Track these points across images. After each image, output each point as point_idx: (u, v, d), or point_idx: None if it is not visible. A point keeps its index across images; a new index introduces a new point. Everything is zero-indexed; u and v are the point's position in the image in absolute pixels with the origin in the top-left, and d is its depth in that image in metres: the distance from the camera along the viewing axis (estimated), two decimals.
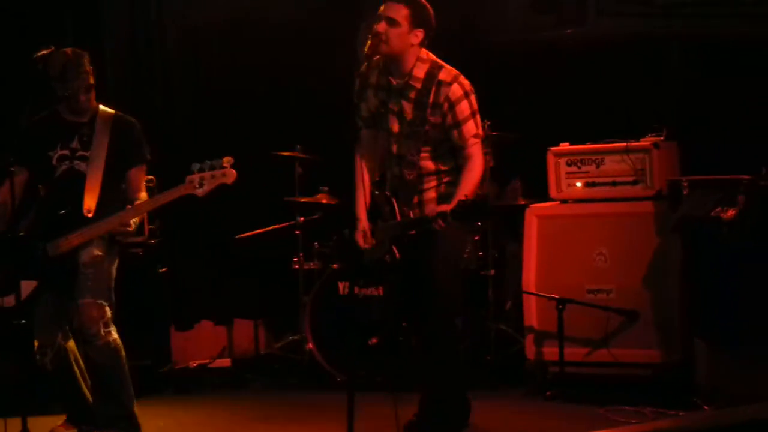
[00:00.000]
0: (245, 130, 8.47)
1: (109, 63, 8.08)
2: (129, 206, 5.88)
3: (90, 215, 5.85)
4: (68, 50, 5.97)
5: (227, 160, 5.72)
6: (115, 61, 8.22)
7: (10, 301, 5.75)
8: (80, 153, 5.99)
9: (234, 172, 5.73)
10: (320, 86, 8.05)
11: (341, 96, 5.97)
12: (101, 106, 6.13)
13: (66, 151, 6.00)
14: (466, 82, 5.72)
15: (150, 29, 8.43)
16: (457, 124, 5.68)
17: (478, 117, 5.74)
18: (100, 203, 5.90)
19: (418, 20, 5.69)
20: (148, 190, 7.12)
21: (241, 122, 8.54)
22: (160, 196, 5.93)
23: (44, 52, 5.85)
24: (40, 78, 5.89)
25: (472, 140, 5.71)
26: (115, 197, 5.99)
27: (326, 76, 7.09)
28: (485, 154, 6.06)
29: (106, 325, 5.82)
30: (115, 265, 6.01)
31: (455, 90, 5.68)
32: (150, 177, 7.02)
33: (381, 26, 5.64)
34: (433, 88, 5.67)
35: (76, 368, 6.00)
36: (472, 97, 5.72)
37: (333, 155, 6.58)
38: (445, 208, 5.44)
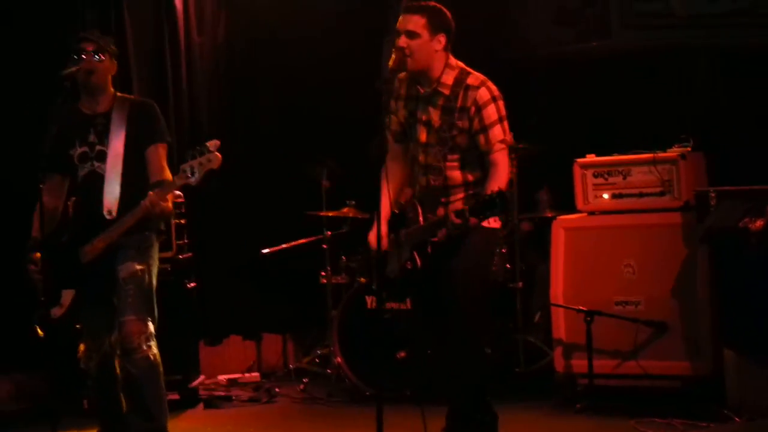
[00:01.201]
0: (272, 144, 8.52)
1: (135, 76, 8.13)
2: (148, 195, 5.72)
3: (111, 217, 5.79)
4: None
5: (213, 144, 5.59)
6: (140, 73, 8.26)
7: (56, 311, 5.78)
8: (99, 148, 5.91)
9: (219, 155, 5.57)
10: (347, 100, 8.08)
11: (368, 110, 5.97)
12: (119, 94, 6.08)
13: (85, 148, 5.93)
14: (494, 87, 5.69)
15: (175, 42, 8.47)
16: (484, 129, 5.64)
17: (505, 123, 5.69)
18: (122, 201, 5.81)
19: (437, 26, 5.67)
20: (176, 206, 7.17)
21: (267, 136, 8.59)
22: (159, 190, 5.74)
23: (73, 69, 5.84)
24: (68, 94, 5.90)
25: (498, 145, 5.66)
26: (139, 189, 5.83)
27: (353, 90, 7.12)
28: (511, 159, 6.03)
29: (148, 340, 5.79)
30: (155, 275, 5.97)
31: (483, 94, 5.65)
32: (178, 193, 7.07)
33: (402, 41, 5.63)
34: (461, 93, 5.64)
35: (118, 375, 5.95)
36: (500, 103, 5.68)
37: (360, 169, 6.61)
38: (463, 206, 5.41)
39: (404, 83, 5.86)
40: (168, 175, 5.88)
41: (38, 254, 5.80)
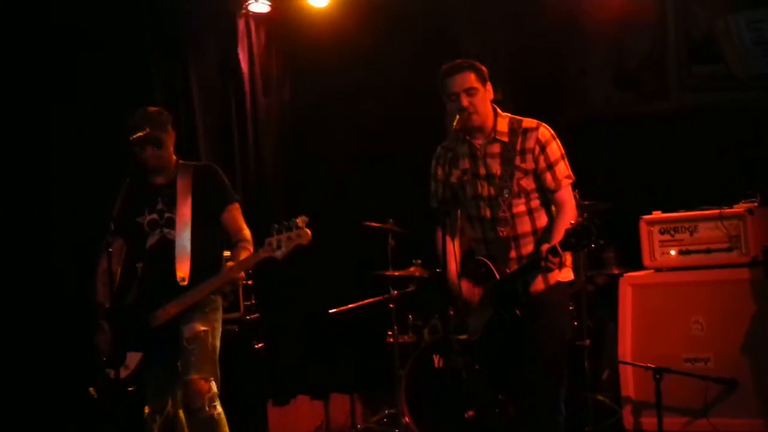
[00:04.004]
0: (338, 203, 8.57)
1: (202, 138, 8.25)
2: (226, 266, 5.83)
3: (184, 283, 5.88)
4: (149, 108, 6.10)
5: (302, 220, 5.70)
6: (207, 135, 8.38)
7: (120, 373, 5.84)
8: (167, 215, 6.00)
9: (309, 231, 5.70)
10: (413, 158, 8.12)
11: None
12: (181, 162, 6.16)
13: (154, 215, 6.03)
14: (550, 128, 5.76)
15: (242, 103, 8.60)
16: (550, 166, 5.67)
17: (566, 160, 5.74)
18: (194, 267, 5.90)
19: (484, 78, 5.74)
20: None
21: (334, 194, 8.65)
22: (243, 260, 5.86)
23: (140, 134, 5.95)
24: (137, 160, 6.01)
25: (566, 181, 5.69)
26: (210, 255, 5.97)
27: (419, 147, 7.17)
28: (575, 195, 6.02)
29: (212, 400, 5.82)
30: (219, 336, 6.02)
31: (543, 132, 5.70)
32: None
33: (464, 101, 5.67)
34: (520, 137, 5.69)
35: None
36: (558, 141, 5.73)
37: (424, 228, 6.64)
38: (553, 242, 5.40)
39: (448, 146, 5.90)
40: (247, 233, 6.00)
41: (106, 323, 5.91)
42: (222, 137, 8.49)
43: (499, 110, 5.82)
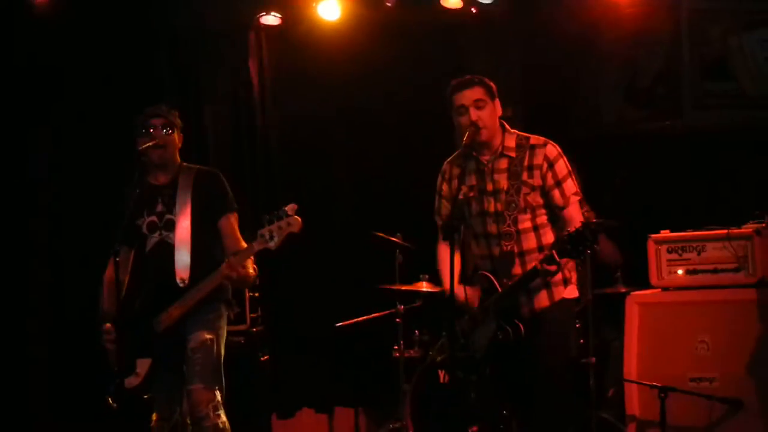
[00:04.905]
0: (346, 217, 8.58)
1: (212, 147, 8.27)
2: (226, 260, 5.81)
3: (184, 285, 5.89)
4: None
5: (291, 208, 5.67)
6: (216, 144, 8.40)
7: (132, 381, 5.86)
8: (167, 217, 6.01)
9: (299, 219, 5.67)
10: (421, 173, 8.13)
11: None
12: (185, 164, 6.18)
13: (153, 217, 6.05)
14: (557, 145, 5.79)
15: (251, 115, 8.62)
16: (558, 183, 5.71)
17: (574, 177, 5.78)
18: (194, 268, 5.90)
19: (492, 93, 5.80)
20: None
21: (341, 208, 8.66)
22: (239, 254, 5.82)
23: (149, 144, 5.97)
24: (144, 170, 6.02)
25: (573, 197, 5.74)
26: (209, 256, 5.94)
27: (427, 163, 7.20)
28: (583, 212, 6.03)
29: (216, 409, 5.83)
30: (224, 344, 6.02)
31: (551, 149, 5.75)
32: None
33: (472, 114, 5.70)
34: (527, 152, 5.73)
35: None
36: (565, 158, 5.77)
37: (432, 244, 6.66)
38: (547, 252, 5.43)
39: (455, 162, 5.91)
40: (243, 243, 5.95)
41: (109, 325, 5.91)
42: (232, 148, 8.51)
43: (507, 126, 5.84)
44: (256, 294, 7.68)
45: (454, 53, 8.51)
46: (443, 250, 5.89)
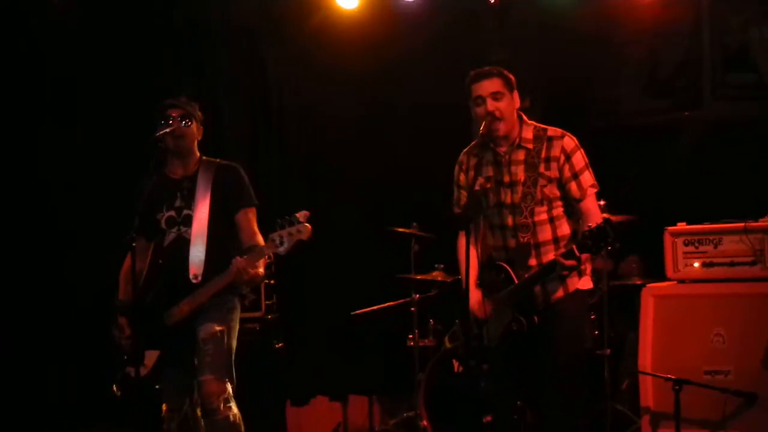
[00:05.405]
0: (362, 206, 8.58)
1: (228, 139, 8.28)
2: (234, 259, 5.80)
3: (197, 281, 5.89)
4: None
5: (303, 215, 5.66)
6: (233, 136, 8.41)
7: (142, 371, 5.88)
8: (186, 212, 6.02)
9: (309, 226, 5.64)
10: (438, 164, 8.14)
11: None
12: (204, 158, 6.17)
13: (172, 212, 6.05)
14: (574, 137, 5.77)
15: (267, 107, 8.63)
16: (575, 175, 5.70)
17: (591, 169, 5.76)
18: (208, 265, 5.90)
19: (511, 85, 5.78)
20: (265, 267, 7.23)
21: (358, 197, 8.66)
22: (250, 256, 5.83)
23: (167, 129, 5.98)
24: (160, 159, 6.04)
25: (590, 190, 5.72)
26: (224, 252, 5.92)
27: (444, 154, 7.22)
28: (600, 206, 6.01)
29: (227, 401, 5.84)
30: (235, 337, 6.02)
31: (568, 142, 5.73)
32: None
33: (489, 105, 5.69)
34: (545, 144, 5.72)
35: None
36: (582, 150, 5.76)
37: (448, 233, 6.67)
38: (565, 248, 5.42)
39: (471, 153, 5.91)
40: (260, 239, 5.95)
41: (124, 320, 5.93)
42: (248, 140, 8.53)
43: (525, 118, 5.83)
44: (272, 281, 7.70)
45: (472, 43, 8.49)
46: (464, 241, 5.88)
